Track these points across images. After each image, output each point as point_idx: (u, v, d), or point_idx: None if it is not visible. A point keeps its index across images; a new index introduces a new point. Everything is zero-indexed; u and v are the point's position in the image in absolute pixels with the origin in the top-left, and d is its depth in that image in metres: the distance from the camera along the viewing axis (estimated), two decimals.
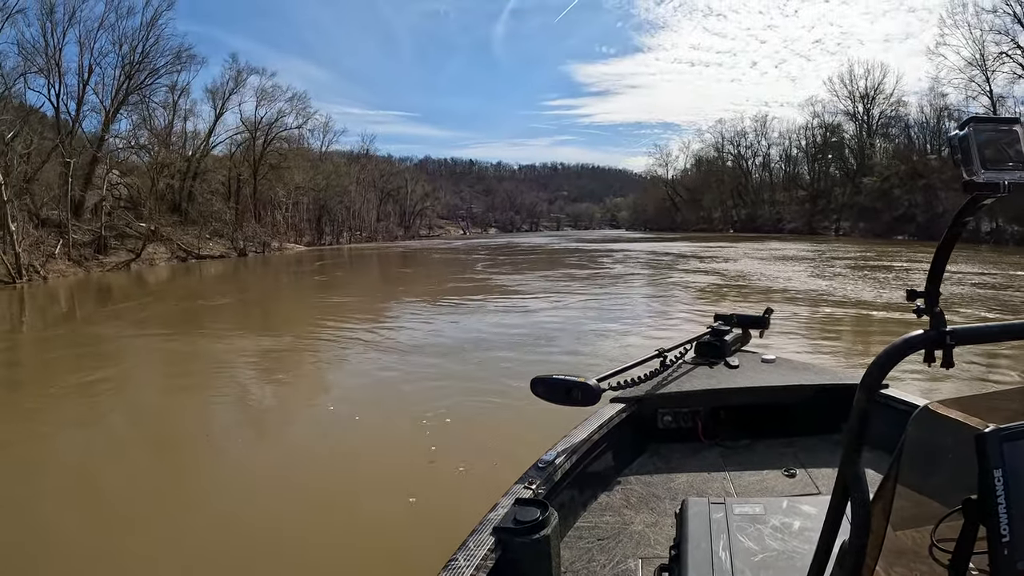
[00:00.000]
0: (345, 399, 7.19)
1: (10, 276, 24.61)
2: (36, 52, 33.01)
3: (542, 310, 13.92)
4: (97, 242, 32.42)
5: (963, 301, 13.11)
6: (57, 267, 28.47)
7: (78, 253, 30.59)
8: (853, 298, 14.28)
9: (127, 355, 10.76)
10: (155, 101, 41.45)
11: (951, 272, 17.63)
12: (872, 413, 0.82)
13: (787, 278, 18.94)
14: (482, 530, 1.66)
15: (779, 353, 3.41)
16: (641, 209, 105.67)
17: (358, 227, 72.49)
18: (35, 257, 27.30)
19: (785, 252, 31.73)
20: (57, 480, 5.13)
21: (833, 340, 10.04)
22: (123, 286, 25.39)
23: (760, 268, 23.17)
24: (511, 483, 1.98)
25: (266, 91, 50.39)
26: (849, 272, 20.49)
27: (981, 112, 13.05)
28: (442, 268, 31.03)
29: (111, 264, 31.92)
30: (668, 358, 2.97)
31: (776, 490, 2.37)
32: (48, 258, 28.14)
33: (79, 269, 29.71)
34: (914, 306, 0.89)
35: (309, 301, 18.60)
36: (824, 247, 35.72)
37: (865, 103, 58.40)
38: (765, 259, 27.71)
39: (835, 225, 56.30)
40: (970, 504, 0.69)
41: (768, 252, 32.08)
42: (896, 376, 1.20)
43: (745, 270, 22.80)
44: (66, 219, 30.88)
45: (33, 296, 21.92)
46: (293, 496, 4.60)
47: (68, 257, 29.77)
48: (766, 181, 75.57)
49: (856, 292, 15.33)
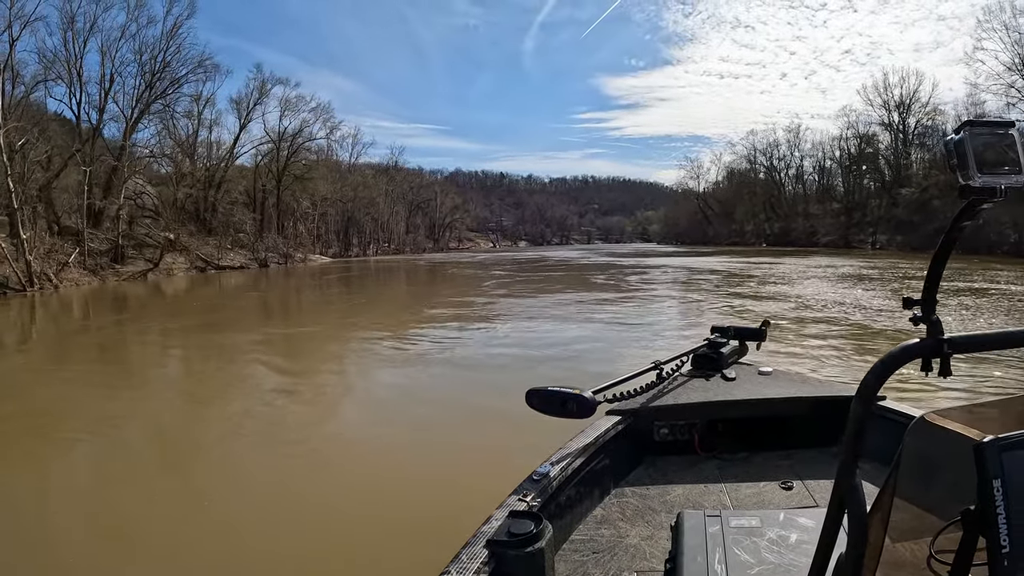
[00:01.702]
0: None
1: (21, 284, 24.45)
2: (57, 60, 33.25)
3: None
4: (114, 251, 32.31)
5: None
6: (71, 276, 28.34)
7: (94, 262, 30.48)
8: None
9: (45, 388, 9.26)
10: (178, 111, 41.62)
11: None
12: (869, 424, 0.83)
13: (888, 309, 13.54)
14: (475, 542, 1.63)
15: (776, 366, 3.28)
16: (672, 222, 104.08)
17: (386, 239, 72.35)
18: (48, 265, 27.18)
19: (841, 269, 27.86)
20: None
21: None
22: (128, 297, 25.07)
23: (832, 292, 18.00)
24: (505, 495, 1.94)
25: (290, 101, 50.43)
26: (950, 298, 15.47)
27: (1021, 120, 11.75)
28: (446, 286, 28.80)
29: (127, 274, 31.80)
30: (664, 370, 2.94)
31: (773, 503, 2.33)
32: (62, 266, 28.00)
33: (94, 278, 29.59)
34: (910, 314, 0.90)
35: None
36: (879, 262, 32.57)
37: (900, 112, 56.28)
38: (827, 278, 23.26)
39: (872, 238, 54.21)
40: (969, 515, 0.69)
41: (822, 270, 28.11)
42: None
43: (818, 296, 17.06)
44: (84, 227, 30.92)
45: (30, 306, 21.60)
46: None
47: (83, 266, 29.64)
48: (799, 194, 73.72)
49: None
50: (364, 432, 6.37)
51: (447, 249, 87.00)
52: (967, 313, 12.75)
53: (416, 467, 5.14)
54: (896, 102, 56.25)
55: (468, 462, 5.15)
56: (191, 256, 37.26)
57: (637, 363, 3.01)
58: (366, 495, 4.69)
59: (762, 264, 33.79)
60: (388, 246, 71.73)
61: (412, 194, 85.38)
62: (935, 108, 53.51)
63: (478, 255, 69.04)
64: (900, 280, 21.66)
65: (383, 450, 5.69)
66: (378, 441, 5.97)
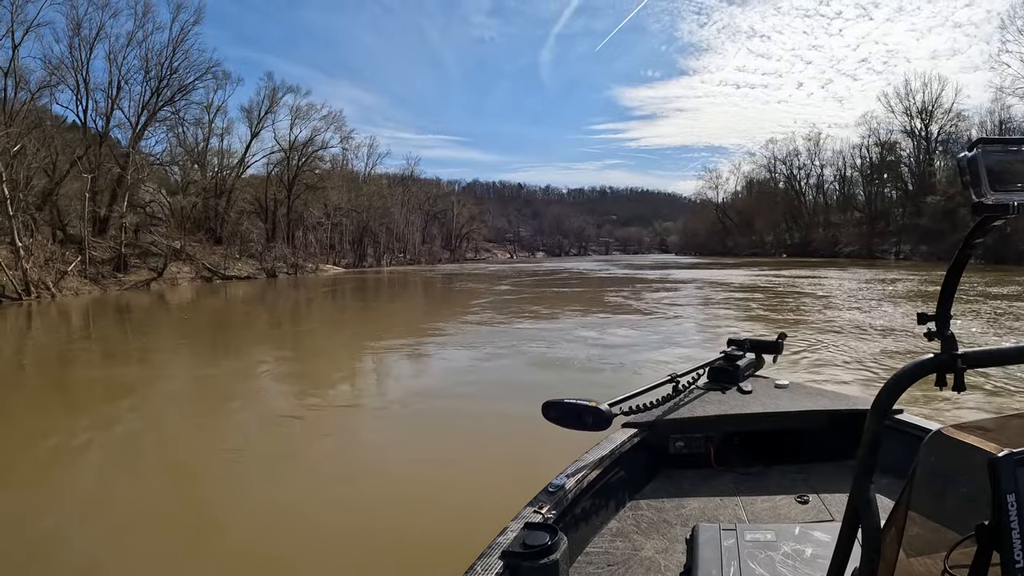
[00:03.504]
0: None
1: (17, 292, 24.10)
2: (63, 67, 33.18)
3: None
4: (117, 259, 31.97)
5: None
6: (71, 284, 28.02)
7: (95, 271, 30.15)
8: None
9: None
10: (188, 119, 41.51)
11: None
12: (884, 438, 0.84)
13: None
14: (490, 554, 1.63)
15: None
16: (691, 233, 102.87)
17: (401, 249, 71.89)
18: (47, 274, 26.86)
19: (896, 285, 23.08)
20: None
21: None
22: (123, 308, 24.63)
23: (902, 317, 13.46)
24: (520, 507, 1.92)
25: (300, 109, 50.18)
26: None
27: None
28: (432, 305, 26.88)
29: (130, 283, 31.46)
30: (680, 383, 2.89)
31: (788, 517, 2.28)
32: (61, 275, 27.66)
33: (95, 287, 29.26)
34: (925, 329, 0.90)
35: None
36: (923, 274, 28.70)
37: (923, 118, 54.72)
38: (896, 297, 18.85)
39: (895, 248, 52.56)
40: (983, 530, 0.68)
41: (866, 284, 24.36)
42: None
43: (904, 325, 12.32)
44: (86, 235, 30.67)
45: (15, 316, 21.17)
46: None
47: (83, 274, 29.31)
48: (820, 203, 72.31)
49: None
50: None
51: (463, 260, 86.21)
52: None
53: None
54: (919, 108, 54.82)
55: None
56: (197, 265, 36.90)
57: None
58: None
59: (801, 278, 29.46)
60: (404, 256, 71.22)
61: (428, 204, 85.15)
62: (958, 114, 52.01)
63: (492, 266, 68.07)
64: (982, 300, 16.24)
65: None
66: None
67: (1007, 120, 43.30)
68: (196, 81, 39.77)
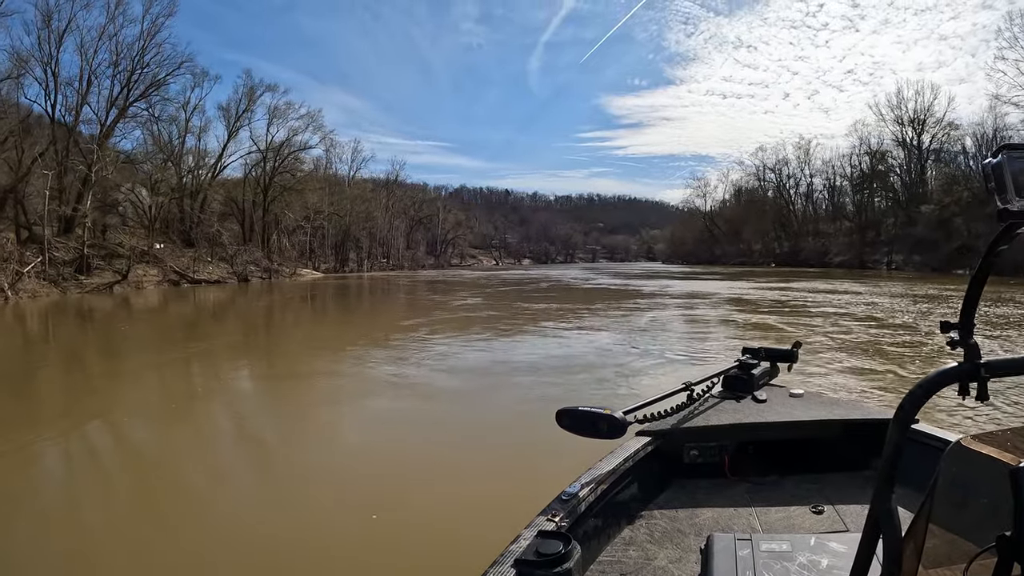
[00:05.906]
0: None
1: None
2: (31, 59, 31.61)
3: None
4: (79, 261, 30.37)
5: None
6: (29, 287, 26.46)
7: (55, 272, 28.57)
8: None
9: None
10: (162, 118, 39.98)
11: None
12: (904, 449, 0.83)
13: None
14: (503, 562, 1.61)
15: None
16: (679, 241, 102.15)
17: (384, 254, 70.45)
18: (3, 275, 25.30)
19: (925, 305, 19.36)
20: None
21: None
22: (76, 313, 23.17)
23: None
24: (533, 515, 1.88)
25: (278, 108, 48.65)
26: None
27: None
28: (381, 315, 24.53)
29: (92, 286, 29.88)
30: (695, 392, 2.86)
31: (803, 527, 2.26)
32: (18, 277, 26.10)
33: (54, 290, 27.70)
34: (947, 338, 0.89)
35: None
36: (951, 287, 25.77)
37: (915, 127, 54.11)
38: (925, 310, 17.16)
39: (887, 258, 51.77)
40: (1004, 541, 0.67)
41: (878, 299, 21.66)
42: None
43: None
44: (49, 235, 29.13)
45: None
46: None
47: (43, 276, 27.73)
48: (809, 212, 71.64)
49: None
50: None
51: (447, 266, 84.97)
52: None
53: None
54: (910, 117, 54.23)
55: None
56: (165, 268, 35.30)
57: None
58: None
59: (798, 291, 26.74)
60: (386, 261, 69.72)
61: (414, 209, 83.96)
62: (950, 124, 51.41)
63: (474, 273, 66.81)
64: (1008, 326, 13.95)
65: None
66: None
67: (1001, 128, 42.61)
68: (168, 76, 38.26)
